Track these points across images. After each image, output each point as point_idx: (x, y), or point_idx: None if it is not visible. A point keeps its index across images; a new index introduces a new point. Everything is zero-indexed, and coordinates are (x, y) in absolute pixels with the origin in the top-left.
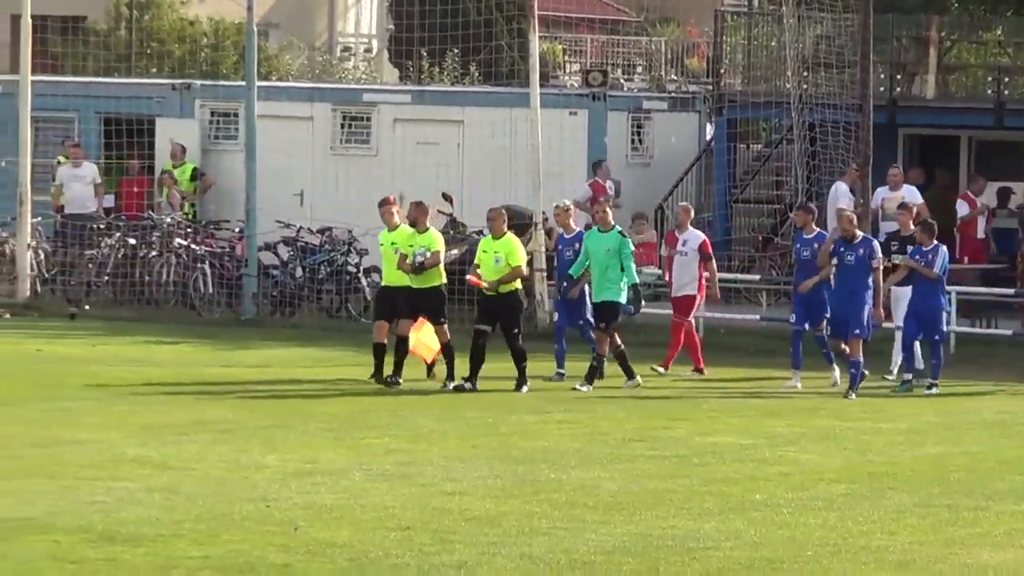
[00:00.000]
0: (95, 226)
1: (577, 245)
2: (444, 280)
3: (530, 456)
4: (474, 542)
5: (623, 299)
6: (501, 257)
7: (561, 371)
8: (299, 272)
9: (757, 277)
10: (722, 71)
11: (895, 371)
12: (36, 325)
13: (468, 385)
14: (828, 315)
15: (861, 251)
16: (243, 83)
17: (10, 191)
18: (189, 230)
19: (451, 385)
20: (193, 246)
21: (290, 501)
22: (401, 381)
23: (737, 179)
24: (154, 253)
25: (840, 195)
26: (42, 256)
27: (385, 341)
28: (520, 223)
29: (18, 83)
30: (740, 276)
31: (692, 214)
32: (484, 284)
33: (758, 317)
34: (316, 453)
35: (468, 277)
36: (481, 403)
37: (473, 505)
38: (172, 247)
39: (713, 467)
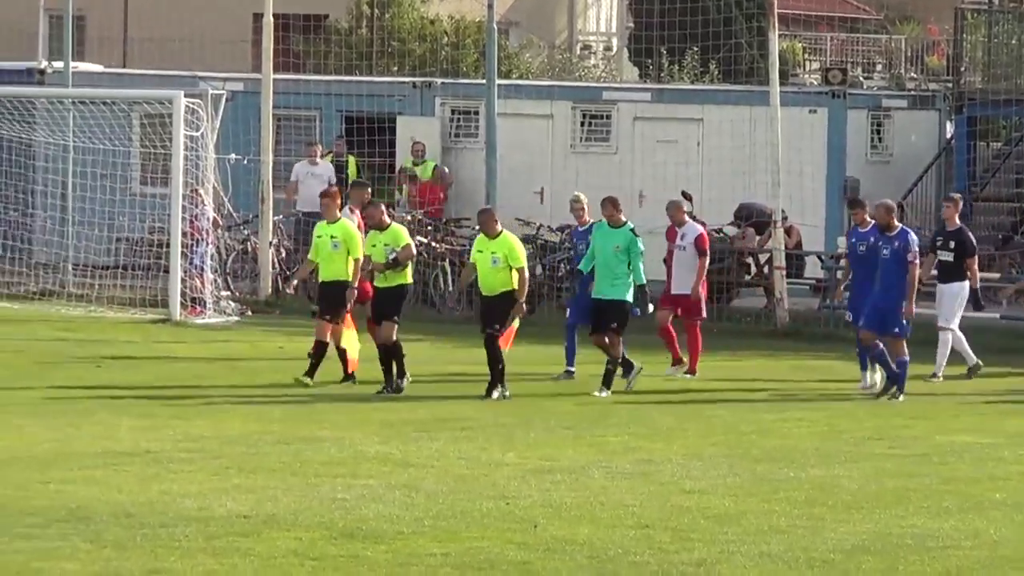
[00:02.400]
0: None
1: (590, 239)
2: (410, 280)
3: (769, 454)
4: (713, 540)
5: (630, 298)
6: (499, 257)
7: (571, 369)
8: (539, 270)
9: (997, 275)
10: (962, 69)
11: (940, 373)
12: (278, 322)
13: (505, 395)
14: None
15: (897, 244)
16: (483, 81)
17: (252, 189)
18: (429, 228)
19: (403, 383)
20: (433, 244)
21: (529, 499)
22: (404, 386)
23: (977, 177)
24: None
25: None
26: (283, 254)
27: (328, 340)
28: (760, 220)
29: (260, 81)
30: (983, 275)
31: (684, 208)
32: (516, 323)
33: (998, 316)
34: (556, 451)
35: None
36: (719, 401)
37: (712, 503)
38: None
39: (952, 465)
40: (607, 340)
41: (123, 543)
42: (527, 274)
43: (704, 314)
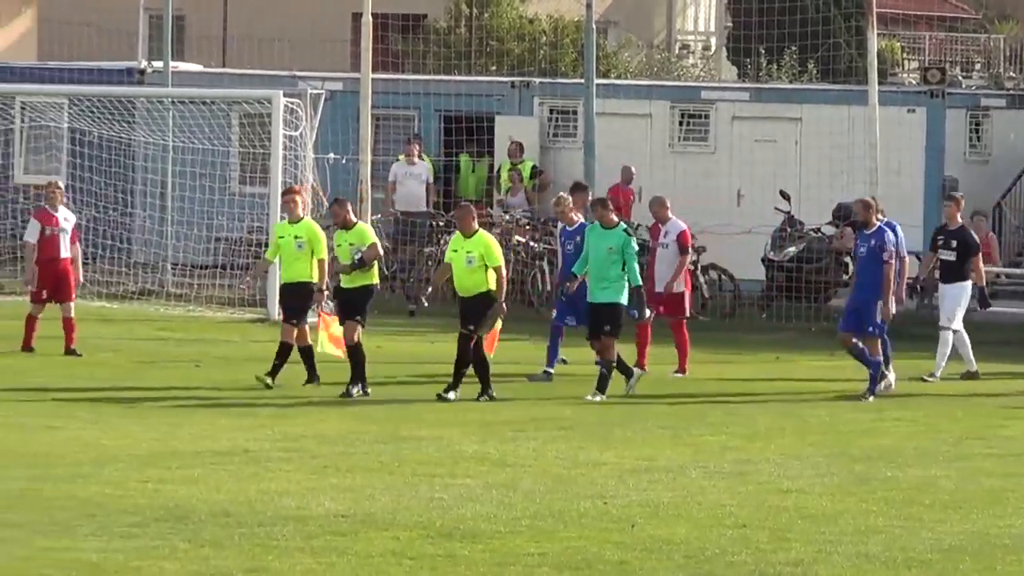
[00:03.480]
0: (435, 223)
1: (578, 238)
2: (376, 280)
3: (867, 454)
4: (810, 540)
5: (625, 300)
6: (474, 257)
7: (549, 370)
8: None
9: None
10: None
11: (938, 374)
12: (376, 322)
13: (483, 398)
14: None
15: (873, 241)
16: (582, 81)
17: (351, 188)
18: (528, 227)
19: (353, 391)
20: (532, 243)
21: (627, 498)
22: (355, 394)
23: None
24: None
25: None
26: (382, 253)
27: (292, 342)
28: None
29: (359, 81)
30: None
31: (668, 205)
32: (499, 325)
33: None
34: (654, 450)
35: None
36: (816, 401)
37: (809, 503)
38: (511, 244)
39: None
40: (605, 343)
41: (221, 542)
42: (504, 273)
43: (688, 312)
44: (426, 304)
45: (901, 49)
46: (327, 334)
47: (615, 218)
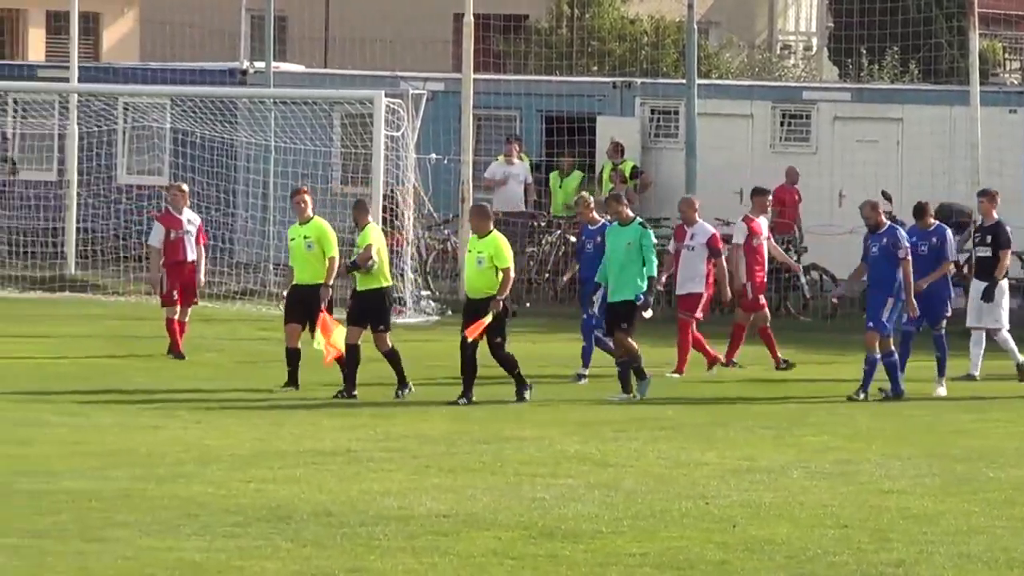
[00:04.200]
0: (536, 224)
1: (599, 238)
2: (389, 282)
3: (968, 454)
4: (912, 540)
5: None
6: (484, 258)
7: (583, 372)
8: None
9: None
10: None
11: (976, 373)
12: None
13: (462, 401)
14: None
15: (885, 240)
16: (683, 81)
17: (452, 189)
18: None
19: (402, 394)
20: None
21: (729, 498)
22: (356, 394)
23: None
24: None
25: None
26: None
27: (299, 346)
28: (958, 221)
29: (461, 81)
30: None
31: (696, 205)
32: (488, 320)
33: None
34: (755, 451)
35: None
36: (917, 401)
37: (911, 503)
38: None
39: None
40: (619, 340)
41: (323, 542)
42: (511, 276)
43: (700, 315)
44: (528, 304)
45: (1003, 49)
46: (326, 338)
47: (630, 213)
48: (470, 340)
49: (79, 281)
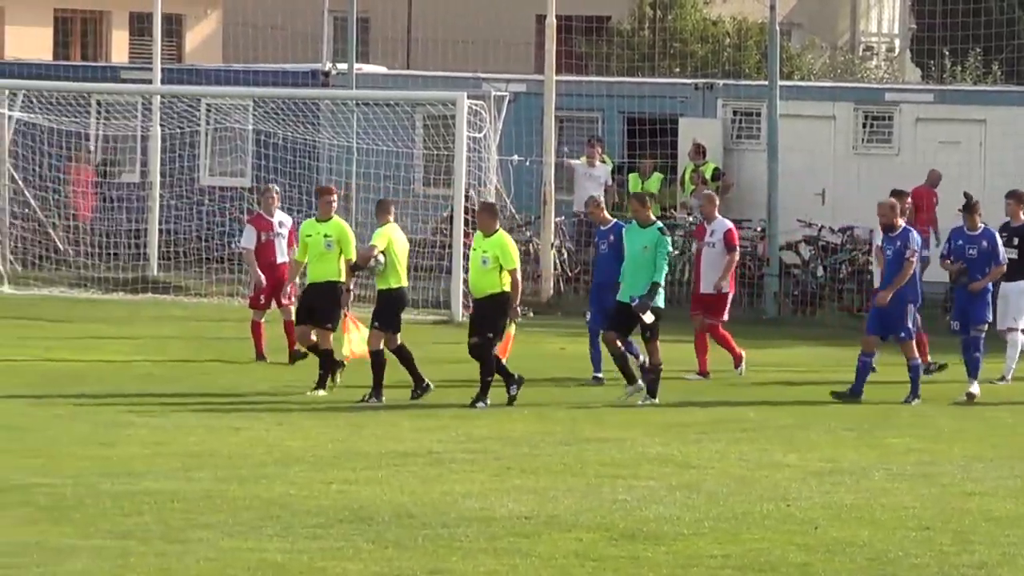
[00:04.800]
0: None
1: (611, 237)
2: (402, 283)
3: None
4: (995, 543)
5: (662, 302)
6: (489, 258)
7: (598, 375)
8: (820, 271)
9: None
10: None
11: (1009, 376)
12: (558, 324)
13: (513, 389)
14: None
15: (899, 243)
16: (765, 83)
17: (534, 190)
18: None
19: (373, 400)
20: None
21: (810, 500)
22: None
23: None
24: (675, 252)
25: None
26: (565, 255)
27: (313, 343)
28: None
29: (543, 83)
30: None
31: (717, 202)
32: (513, 331)
33: None
34: (837, 452)
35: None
36: (1000, 404)
37: (994, 505)
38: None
39: None
40: (646, 347)
41: (405, 543)
42: (519, 278)
43: (726, 316)
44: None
45: None
46: (352, 338)
47: (651, 215)
48: (503, 359)
49: (161, 283)
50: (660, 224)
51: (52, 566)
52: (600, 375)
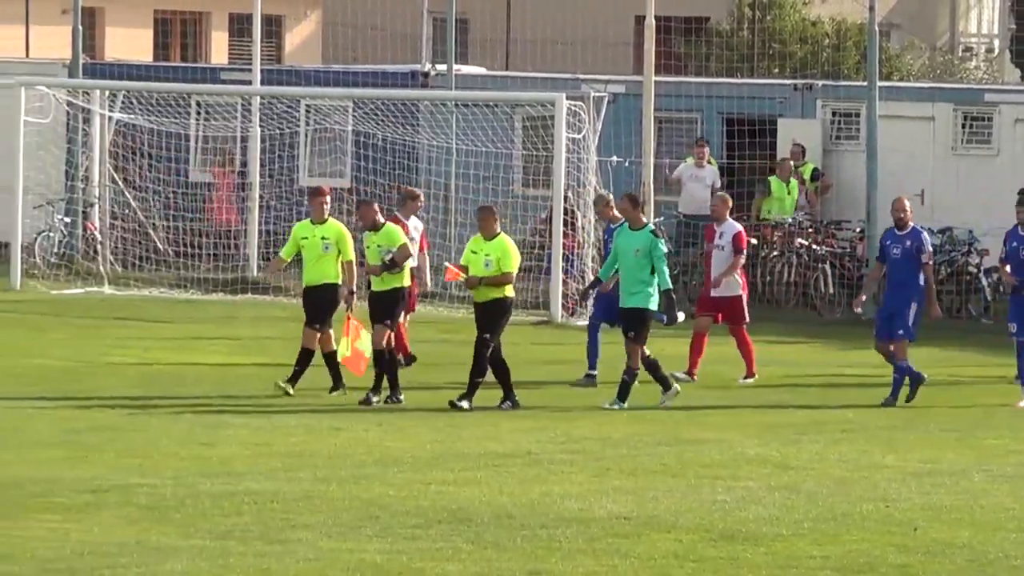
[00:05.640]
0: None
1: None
2: (407, 282)
3: None
4: None
5: (654, 305)
6: (491, 260)
7: (592, 372)
8: None
9: None
10: None
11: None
12: (654, 325)
13: (506, 405)
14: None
15: (908, 243)
16: (864, 83)
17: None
18: (810, 230)
19: (374, 399)
20: (814, 246)
21: (910, 501)
22: (402, 398)
23: None
24: (775, 253)
25: None
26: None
27: (314, 347)
28: None
29: (642, 84)
30: None
31: (729, 204)
32: (462, 277)
33: None
34: (937, 453)
35: (446, 265)
36: None
37: None
38: (793, 247)
39: None
40: (630, 350)
41: (504, 544)
42: (510, 278)
43: (748, 318)
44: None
45: None
46: (351, 343)
47: (643, 218)
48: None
49: (261, 283)
50: (652, 226)
51: (152, 566)
52: (594, 372)
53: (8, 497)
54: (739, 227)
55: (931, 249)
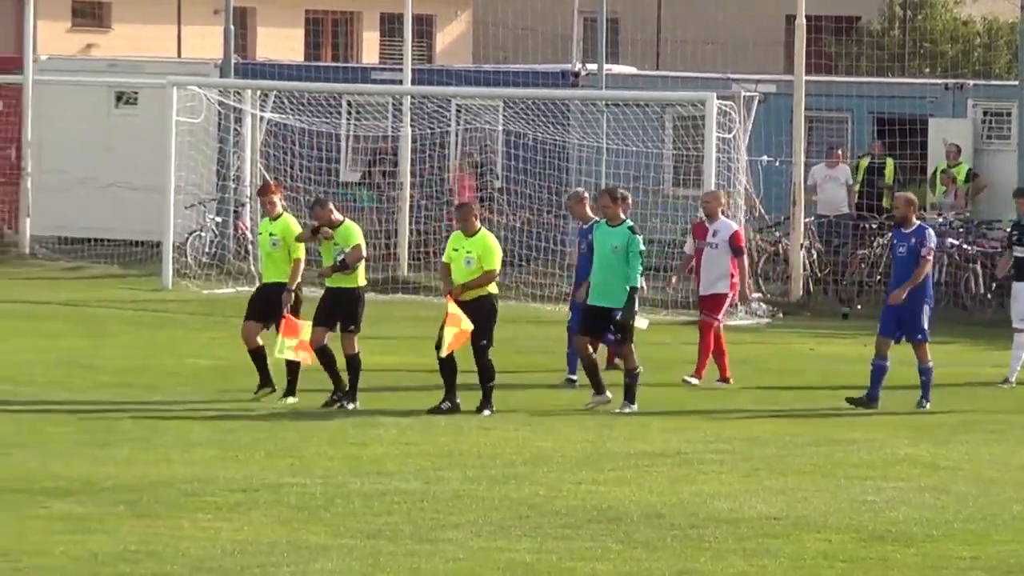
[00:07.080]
0: (868, 226)
1: (591, 237)
2: (364, 282)
3: None
4: None
5: (634, 304)
6: (473, 258)
7: (572, 377)
8: None
9: None
10: None
11: (1013, 379)
12: (808, 324)
13: (445, 405)
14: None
15: (913, 240)
16: (1016, 83)
17: (784, 191)
18: (961, 230)
19: (349, 406)
20: (965, 246)
21: None
22: (357, 404)
23: None
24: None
25: None
26: (815, 256)
27: (257, 345)
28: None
29: (792, 83)
30: None
31: (723, 201)
32: (453, 297)
33: None
34: None
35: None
36: None
37: None
38: (944, 247)
39: None
40: (620, 351)
41: (653, 544)
42: (493, 276)
43: (721, 316)
44: (859, 307)
45: None
46: (294, 339)
47: (621, 214)
48: (444, 355)
49: (412, 283)
50: (631, 223)
51: (303, 564)
52: (574, 377)
53: (160, 496)
54: (735, 226)
55: (933, 245)
